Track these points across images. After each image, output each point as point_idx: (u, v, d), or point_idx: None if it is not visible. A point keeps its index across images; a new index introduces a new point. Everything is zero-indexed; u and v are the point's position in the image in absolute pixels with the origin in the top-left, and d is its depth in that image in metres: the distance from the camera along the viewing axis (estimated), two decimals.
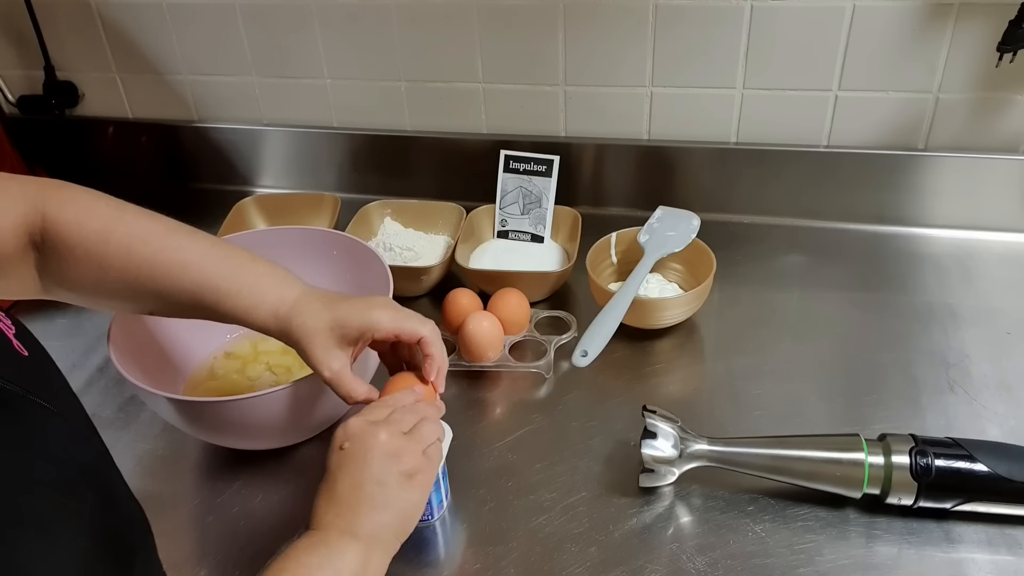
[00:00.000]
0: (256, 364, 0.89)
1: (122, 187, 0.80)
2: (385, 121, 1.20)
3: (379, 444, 0.59)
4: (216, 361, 0.90)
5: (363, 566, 0.56)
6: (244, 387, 0.86)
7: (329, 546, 0.56)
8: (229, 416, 0.74)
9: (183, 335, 0.87)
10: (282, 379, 0.87)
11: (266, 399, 0.71)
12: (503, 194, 1.09)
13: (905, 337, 0.91)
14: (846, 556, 0.68)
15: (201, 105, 1.26)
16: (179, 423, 0.77)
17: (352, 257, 0.90)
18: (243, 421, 0.74)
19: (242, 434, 0.78)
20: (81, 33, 1.22)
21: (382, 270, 0.85)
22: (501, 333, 0.90)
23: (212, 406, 0.73)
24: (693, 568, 0.68)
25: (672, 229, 0.99)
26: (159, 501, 0.78)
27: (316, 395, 0.74)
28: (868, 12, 0.98)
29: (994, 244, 1.05)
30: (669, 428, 0.72)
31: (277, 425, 0.76)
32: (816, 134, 1.08)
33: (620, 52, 1.07)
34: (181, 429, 0.78)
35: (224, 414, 0.73)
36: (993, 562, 0.67)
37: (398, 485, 0.59)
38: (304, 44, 1.16)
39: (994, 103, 1.01)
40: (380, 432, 0.60)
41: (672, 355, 0.92)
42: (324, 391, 0.69)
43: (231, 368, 0.89)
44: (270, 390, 0.71)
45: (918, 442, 0.69)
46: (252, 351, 0.90)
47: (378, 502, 0.58)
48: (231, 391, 0.85)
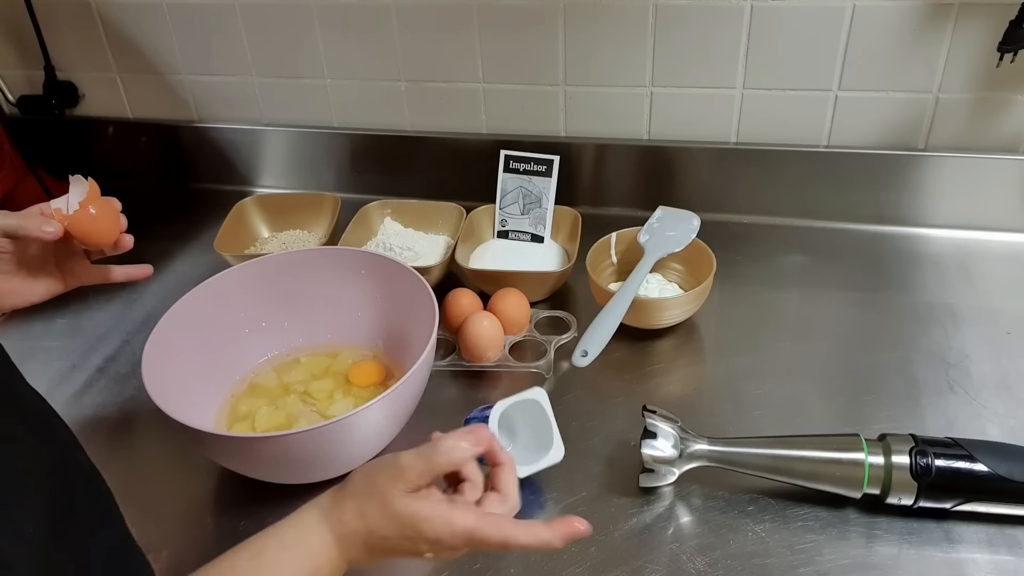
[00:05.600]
0: (287, 397, 0.86)
1: (122, 187, 0.80)
2: (385, 121, 1.21)
3: (442, 551, 0.55)
4: (239, 398, 0.86)
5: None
6: (280, 422, 0.83)
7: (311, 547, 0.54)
8: (290, 451, 0.70)
9: (201, 370, 0.84)
10: (321, 407, 0.84)
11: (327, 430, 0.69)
12: (503, 194, 1.09)
13: (905, 337, 0.91)
14: (846, 556, 0.68)
15: (201, 105, 1.26)
16: (233, 462, 0.75)
17: (381, 274, 0.88)
18: (303, 456, 0.71)
19: (295, 468, 0.74)
20: (81, 33, 1.22)
21: (416, 281, 0.84)
22: (501, 333, 0.90)
23: (281, 440, 0.69)
24: (693, 568, 0.68)
25: (672, 229, 0.99)
26: (159, 503, 0.78)
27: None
28: (868, 12, 0.98)
29: (994, 244, 1.05)
30: (669, 428, 0.72)
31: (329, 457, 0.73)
32: (816, 134, 1.08)
33: (620, 52, 1.07)
34: (225, 465, 0.76)
35: (293, 448, 0.69)
36: (993, 562, 0.67)
37: (410, 553, 0.55)
38: (304, 44, 1.16)
39: (994, 103, 1.01)
40: (456, 552, 0.55)
41: (672, 355, 0.92)
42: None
43: (256, 404, 0.85)
44: (346, 415, 0.68)
45: (918, 442, 0.69)
46: (279, 384, 0.88)
47: (388, 550, 0.55)
48: (268, 427, 0.82)
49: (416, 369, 0.73)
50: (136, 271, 0.80)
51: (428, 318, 0.80)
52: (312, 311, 0.91)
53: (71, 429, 0.55)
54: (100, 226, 0.73)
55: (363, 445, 0.76)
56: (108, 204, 0.73)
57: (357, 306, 0.90)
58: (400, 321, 0.88)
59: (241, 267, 0.89)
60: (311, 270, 0.90)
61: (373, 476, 0.56)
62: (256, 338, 0.90)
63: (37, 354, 0.97)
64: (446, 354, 0.91)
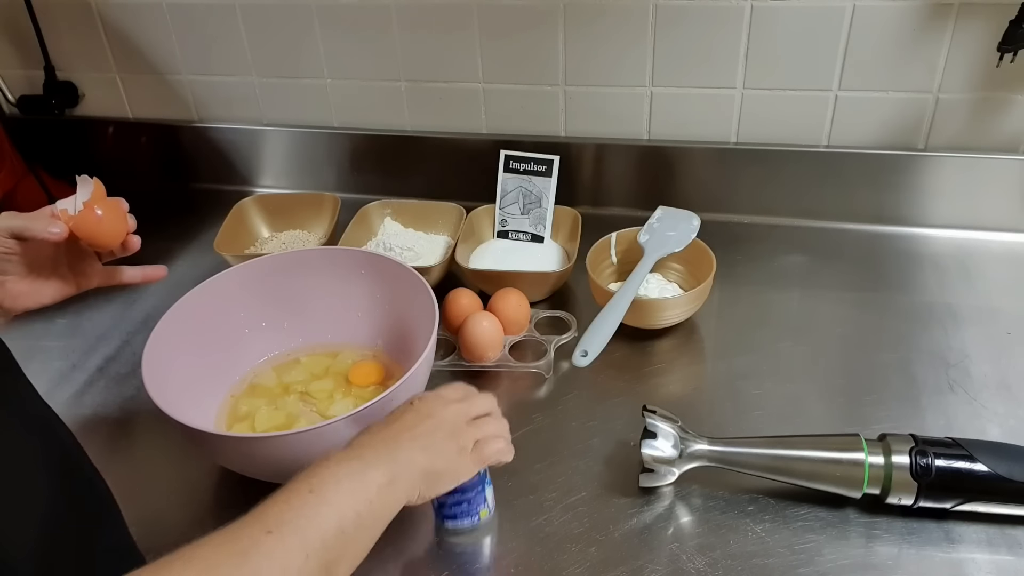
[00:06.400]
0: (286, 397, 0.85)
1: (122, 187, 0.80)
2: (385, 121, 1.21)
3: (445, 413, 0.63)
4: (239, 398, 0.86)
5: (389, 485, 0.57)
6: (280, 422, 0.82)
7: (362, 460, 0.58)
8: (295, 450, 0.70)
9: (200, 372, 0.83)
10: (322, 408, 0.84)
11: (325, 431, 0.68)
12: (503, 194, 1.09)
13: (905, 337, 0.91)
14: (846, 556, 0.68)
15: (201, 105, 1.26)
16: (236, 463, 0.75)
17: (381, 274, 0.88)
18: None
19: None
20: (81, 33, 1.22)
21: (416, 281, 0.84)
22: (501, 333, 0.90)
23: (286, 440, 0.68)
24: (693, 568, 0.68)
25: (672, 229, 0.99)
26: (160, 504, 0.78)
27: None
28: (868, 12, 0.98)
29: (994, 244, 1.05)
30: (669, 428, 0.72)
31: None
32: (816, 134, 1.08)
33: (620, 52, 1.07)
34: (225, 465, 0.76)
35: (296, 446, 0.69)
36: (993, 562, 0.67)
37: (443, 442, 0.62)
38: (304, 44, 1.16)
39: (994, 103, 1.01)
40: (450, 407, 0.64)
41: (672, 355, 0.92)
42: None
43: (256, 404, 0.85)
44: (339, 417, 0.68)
45: (918, 442, 0.69)
46: (278, 383, 0.87)
47: (422, 444, 0.60)
48: (268, 427, 0.82)
49: (416, 369, 0.73)
50: (152, 272, 0.79)
51: (428, 318, 0.80)
52: (312, 311, 0.91)
53: (72, 430, 0.55)
54: (106, 227, 0.72)
55: None
56: (115, 204, 0.73)
57: (357, 306, 0.90)
58: (400, 321, 0.88)
59: (241, 267, 0.89)
60: (311, 270, 0.90)
61: None
62: (256, 338, 0.89)
63: (37, 354, 0.97)
64: (446, 354, 0.91)
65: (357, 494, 0.55)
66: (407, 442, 0.60)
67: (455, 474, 0.63)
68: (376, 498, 0.56)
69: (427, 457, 0.61)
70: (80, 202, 0.70)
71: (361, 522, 0.55)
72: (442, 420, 0.63)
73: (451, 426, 0.63)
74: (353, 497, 0.55)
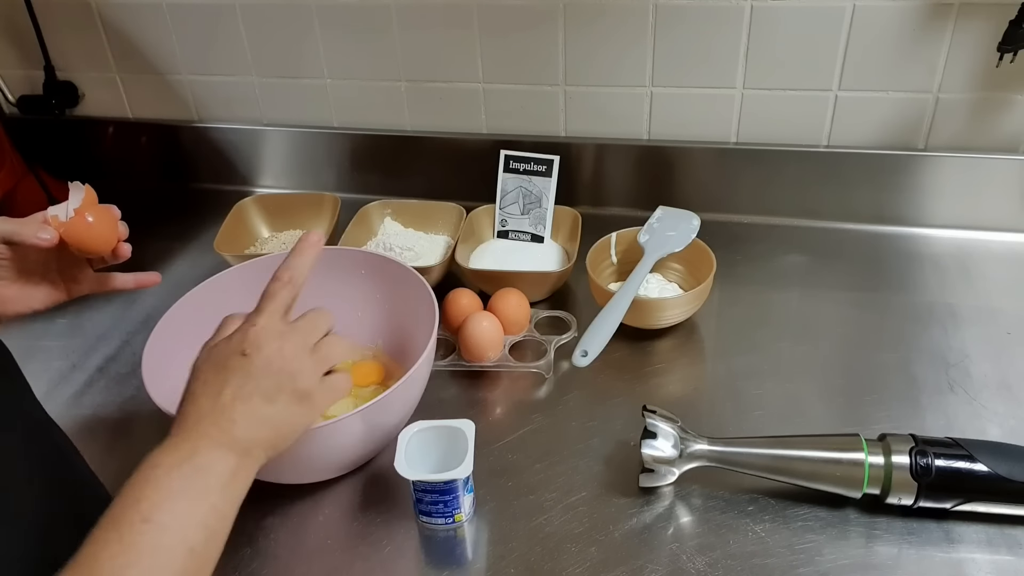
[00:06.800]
0: None
1: (122, 187, 0.80)
2: (385, 121, 1.21)
3: (281, 358, 0.56)
4: None
5: (232, 478, 0.53)
6: None
7: (194, 459, 0.52)
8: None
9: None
10: None
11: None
12: (503, 194, 1.09)
13: (905, 337, 0.91)
14: (846, 556, 0.68)
15: (201, 105, 1.26)
16: None
17: (381, 274, 0.88)
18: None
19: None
20: (81, 33, 1.22)
21: (416, 281, 0.84)
22: (501, 333, 0.90)
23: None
24: (693, 568, 0.68)
25: (672, 229, 0.99)
26: None
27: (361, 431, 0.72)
28: (868, 12, 0.98)
29: (994, 244, 1.05)
30: (669, 428, 0.72)
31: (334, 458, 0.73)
32: (816, 134, 1.08)
33: (620, 52, 1.07)
34: None
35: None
36: (993, 562, 0.67)
37: (287, 403, 0.57)
38: (304, 44, 1.16)
39: (994, 103, 1.02)
40: (286, 345, 0.57)
41: (672, 355, 0.92)
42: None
43: None
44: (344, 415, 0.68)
45: (918, 442, 0.69)
46: None
47: (261, 417, 0.55)
48: None
49: (416, 369, 0.73)
50: (145, 278, 0.78)
51: (428, 318, 0.80)
52: None
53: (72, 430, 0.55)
54: (96, 233, 0.71)
55: (363, 445, 0.76)
56: (106, 211, 0.72)
57: (357, 306, 0.90)
58: (400, 321, 0.88)
59: (241, 267, 0.89)
60: (311, 270, 0.90)
61: None
62: None
63: (37, 354, 0.97)
64: (446, 354, 0.91)
65: (198, 506, 0.50)
66: (244, 420, 0.55)
67: (297, 428, 0.58)
68: (221, 498, 0.52)
69: (268, 430, 0.56)
70: (71, 208, 0.70)
71: (211, 532, 0.50)
72: (281, 368, 0.56)
73: (291, 372, 0.57)
74: (194, 512, 0.50)
